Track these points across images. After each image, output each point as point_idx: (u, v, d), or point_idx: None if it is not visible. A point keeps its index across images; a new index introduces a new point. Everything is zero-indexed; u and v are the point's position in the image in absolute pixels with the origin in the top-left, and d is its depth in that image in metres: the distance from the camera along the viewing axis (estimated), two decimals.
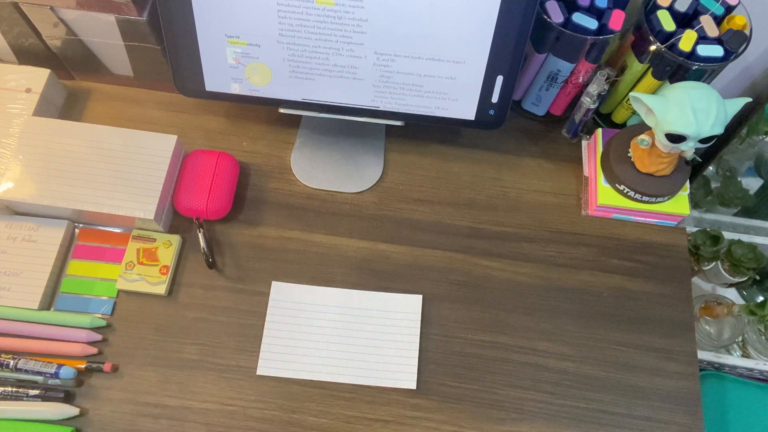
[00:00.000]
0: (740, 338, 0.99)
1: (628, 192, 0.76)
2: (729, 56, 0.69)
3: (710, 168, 0.97)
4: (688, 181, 0.77)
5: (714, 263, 0.99)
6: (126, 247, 0.73)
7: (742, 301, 1.03)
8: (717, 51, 0.68)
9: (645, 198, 0.75)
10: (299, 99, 0.74)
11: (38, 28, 0.75)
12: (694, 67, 0.69)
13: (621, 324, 0.73)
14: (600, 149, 0.79)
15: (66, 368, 0.66)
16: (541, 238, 0.78)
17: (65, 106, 0.82)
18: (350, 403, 0.68)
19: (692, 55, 0.69)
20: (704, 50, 0.68)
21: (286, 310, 0.72)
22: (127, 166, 0.71)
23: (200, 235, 0.73)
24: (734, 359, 0.93)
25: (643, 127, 0.76)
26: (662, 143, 0.69)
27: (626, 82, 0.78)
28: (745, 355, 0.98)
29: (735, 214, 1.03)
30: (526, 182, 0.81)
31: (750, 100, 0.67)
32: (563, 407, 0.69)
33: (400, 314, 0.72)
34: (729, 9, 0.71)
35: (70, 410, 0.65)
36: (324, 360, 0.69)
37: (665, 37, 0.70)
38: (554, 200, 0.80)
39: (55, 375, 0.66)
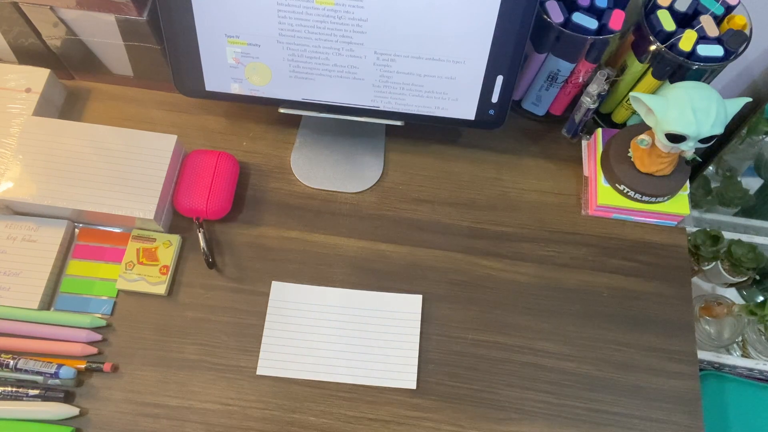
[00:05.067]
0: (740, 338, 0.99)
1: (628, 192, 0.76)
2: (729, 56, 0.69)
3: (710, 168, 0.97)
4: (688, 181, 0.77)
5: (714, 263, 0.99)
6: (126, 247, 0.73)
7: (742, 301, 1.03)
8: (717, 51, 0.68)
9: (645, 198, 0.75)
10: (299, 99, 0.74)
11: (38, 28, 0.75)
12: (694, 67, 0.69)
13: (621, 324, 0.73)
14: (600, 149, 0.79)
15: (66, 368, 0.66)
16: (541, 238, 0.78)
17: (65, 106, 0.82)
18: (350, 403, 0.68)
19: (692, 55, 0.69)
20: (704, 50, 0.68)
21: (286, 310, 0.72)
22: (127, 166, 0.71)
23: (200, 235, 0.73)
24: (734, 359, 0.93)
25: (643, 127, 0.76)
26: (662, 143, 0.69)
27: (626, 82, 0.78)
28: (745, 355, 0.98)
29: (735, 214, 1.03)
30: (526, 182, 0.81)
31: (750, 100, 0.67)
32: (563, 407, 0.69)
33: (400, 314, 0.72)
34: (729, 9, 0.71)
35: (69, 410, 0.65)
36: (324, 360, 0.69)
37: (665, 37, 0.70)
38: (554, 200, 0.80)
39: (55, 375, 0.66)
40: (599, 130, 0.80)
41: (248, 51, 0.70)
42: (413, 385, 0.69)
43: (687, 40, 0.68)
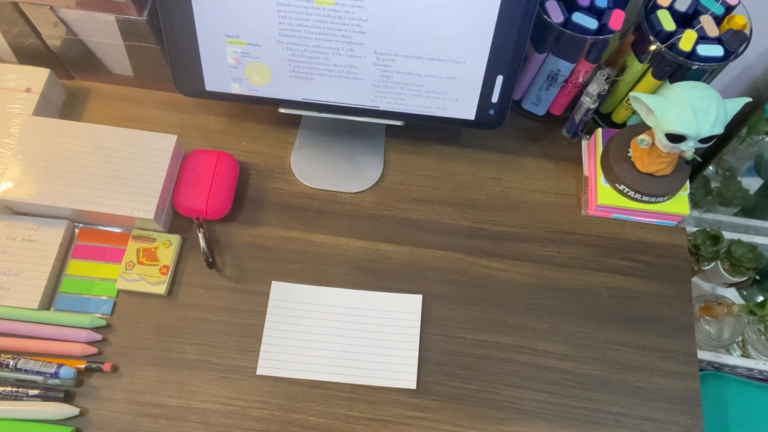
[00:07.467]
0: (740, 338, 0.99)
1: (628, 192, 0.76)
2: (729, 56, 0.69)
3: (710, 168, 0.98)
4: (688, 181, 0.77)
5: (714, 263, 0.99)
6: (126, 247, 0.73)
7: (742, 301, 1.04)
8: (717, 51, 0.68)
9: (645, 198, 0.75)
10: (299, 99, 0.74)
11: (38, 28, 0.75)
12: (694, 67, 0.69)
13: (621, 324, 0.73)
14: (600, 149, 0.79)
15: (66, 368, 0.66)
16: (541, 238, 0.78)
17: (65, 106, 0.82)
18: (350, 403, 0.68)
19: (692, 55, 0.69)
20: (704, 50, 0.68)
21: (286, 310, 0.72)
22: (127, 166, 0.71)
23: (200, 235, 0.73)
24: (734, 359, 0.94)
25: (643, 127, 0.76)
26: (662, 143, 0.69)
27: (626, 82, 0.78)
28: (745, 355, 0.98)
29: (735, 214, 1.03)
30: (526, 182, 0.81)
31: (750, 100, 0.67)
32: (563, 407, 0.69)
33: (400, 314, 0.72)
34: (729, 9, 0.71)
35: (69, 410, 0.65)
36: (324, 360, 0.69)
37: (665, 37, 0.70)
38: (554, 200, 0.80)
39: (55, 375, 0.66)
40: (599, 130, 0.80)
41: (248, 51, 0.70)
42: (413, 385, 0.69)
43: (687, 40, 0.68)
